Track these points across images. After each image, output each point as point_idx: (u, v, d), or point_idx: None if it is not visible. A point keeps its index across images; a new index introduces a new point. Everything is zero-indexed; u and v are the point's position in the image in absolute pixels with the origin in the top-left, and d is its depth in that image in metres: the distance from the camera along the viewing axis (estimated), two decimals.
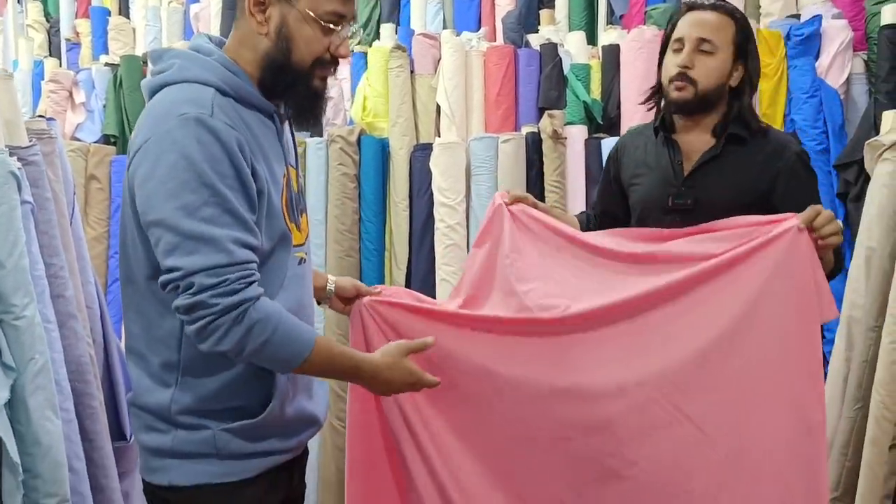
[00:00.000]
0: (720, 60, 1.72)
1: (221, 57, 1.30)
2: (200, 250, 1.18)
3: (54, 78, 3.50)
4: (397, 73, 3.12)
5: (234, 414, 1.33)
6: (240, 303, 1.19)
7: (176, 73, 1.27)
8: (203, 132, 1.19)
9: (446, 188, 2.95)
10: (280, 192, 1.32)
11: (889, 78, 2.59)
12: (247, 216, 1.22)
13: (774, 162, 1.71)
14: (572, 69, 3.03)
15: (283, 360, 1.26)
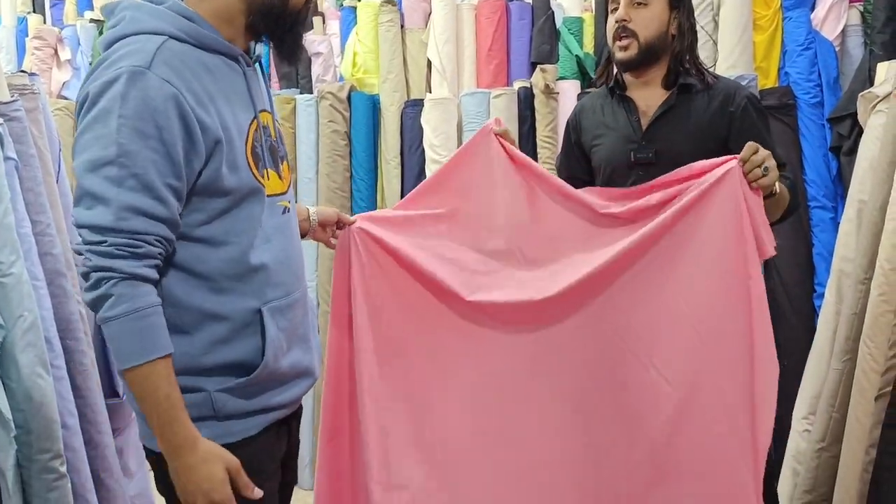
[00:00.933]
0: (655, 10, 1.79)
1: (175, 3, 1.26)
2: (93, 207, 1.15)
3: (39, 35, 3.43)
4: (387, 27, 3.07)
5: (228, 371, 1.29)
6: (105, 268, 1.15)
7: (127, 26, 1.22)
8: (132, 87, 1.14)
9: (438, 144, 2.93)
10: (245, 140, 1.27)
11: (885, 28, 2.55)
12: (157, 183, 1.16)
13: (727, 106, 1.77)
14: (565, 23, 2.98)
15: (117, 349, 1.19)
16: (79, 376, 1.84)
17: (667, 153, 1.77)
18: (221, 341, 1.27)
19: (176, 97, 1.16)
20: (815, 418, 2.16)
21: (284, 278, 1.34)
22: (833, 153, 2.63)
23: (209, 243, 1.25)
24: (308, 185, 3.10)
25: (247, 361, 1.30)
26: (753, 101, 1.81)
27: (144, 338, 1.17)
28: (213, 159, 1.22)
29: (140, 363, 1.16)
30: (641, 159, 1.80)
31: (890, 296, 1.87)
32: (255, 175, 1.28)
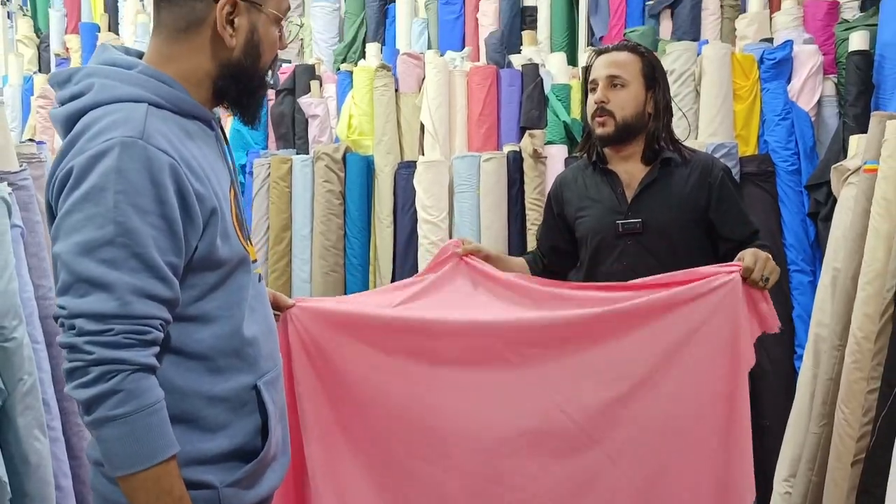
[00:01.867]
0: (632, 92, 1.90)
1: (146, 68, 1.16)
2: (91, 293, 1.04)
3: (44, 94, 3.54)
4: (382, 91, 3.18)
5: (231, 458, 1.21)
6: (116, 360, 1.04)
7: (99, 94, 1.12)
8: (126, 158, 1.05)
9: (430, 205, 3.01)
10: (230, 208, 1.21)
11: (856, 102, 2.67)
12: (160, 262, 1.07)
13: (705, 178, 1.90)
14: (553, 89, 3.10)
15: (120, 451, 1.06)
16: (74, 437, 1.88)
17: (653, 222, 1.88)
18: (222, 426, 1.19)
19: (174, 167, 1.08)
20: (795, 481, 2.21)
21: (272, 348, 1.30)
22: (811, 219, 2.73)
23: (202, 321, 1.17)
24: (303, 242, 3.17)
25: (248, 444, 1.22)
26: (728, 173, 1.94)
27: (156, 436, 1.06)
28: (208, 231, 1.14)
29: (152, 465, 1.06)
30: (629, 229, 1.89)
31: (863, 363, 1.93)
32: (243, 243, 1.23)
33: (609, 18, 3.30)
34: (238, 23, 1.19)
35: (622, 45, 2.00)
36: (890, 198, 1.91)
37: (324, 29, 3.67)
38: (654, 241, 1.87)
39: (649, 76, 1.93)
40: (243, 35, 1.20)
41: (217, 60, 1.20)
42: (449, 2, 3.54)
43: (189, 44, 1.19)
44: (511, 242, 2.97)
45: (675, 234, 1.87)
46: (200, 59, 1.19)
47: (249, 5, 1.19)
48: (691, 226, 1.89)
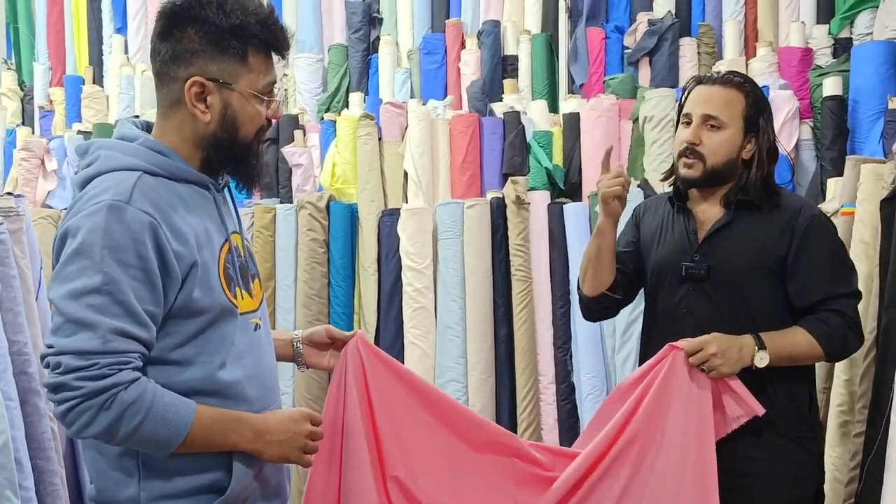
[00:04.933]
0: (728, 136, 1.72)
1: (146, 140, 1.32)
2: (77, 333, 1.17)
3: (26, 146, 3.54)
4: (365, 140, 3.20)
5: (202, 493, 1.29)
6: (108, 387, 1.17)
7: (103, 164, 1.29)
8: (113, 219, 1.20)
9: (413, 252, 3.01)
10: (217, 263, 1.31)
11: (832, 146, 2.72)
12: (139, 309, 1.20)
13: (789, 223, 1.70)
14: (535, 136, 3.13)
15: (161, 438, 1.22)
16: (48, 497, 1.83)
17: (721, 270, 1.71)
18: (196, 461, 1.28)
19: (153, 227, 1.22)
20: None
21: (258, 392, 1.36)
22: None
23: (183, 364, 1.28)
24: (287, 291, 3.15)
25: (218, 481, 1.30)
26: (819, 220, 1.72)
27: (175, 409, 1.22)
28: (187, 284, 1.26)
29: (189, 427, 1.22)
30: (693, 274, 1.74)
31: (848, 407, 1.92)
32: (228, 295, 1.31)
33: (589, 66, 3.36)
34: (210, 101, 1.30)
35: (728, 77, 1.77)
36: (867, 240, 1.92)
37: (307, 79, 3.71)
38: (720, 290, 1.71)
39: (752, 119, 1.73)
40: (217, 111, 1.30)
41: (197, 135, 1.32)
42: (431, 51, 3.59)
43: (175, 120, 1.33)
44: (496, 288, 2.97)
45: (745, 284, 1.70)
46: (185, 133, 1.33)
47: (219, 84, 1.29)
48: (765, 276, 1.69)
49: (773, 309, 1.69)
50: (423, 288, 3.00)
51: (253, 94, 1.31)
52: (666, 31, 3.27)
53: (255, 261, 1.48)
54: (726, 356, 1.60)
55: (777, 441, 1.66)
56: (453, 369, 2.93)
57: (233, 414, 1.29)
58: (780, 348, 1.63)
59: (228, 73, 1.29)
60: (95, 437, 1.20)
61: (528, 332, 2.91)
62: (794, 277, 1.68)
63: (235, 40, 1.28)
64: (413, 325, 2.99)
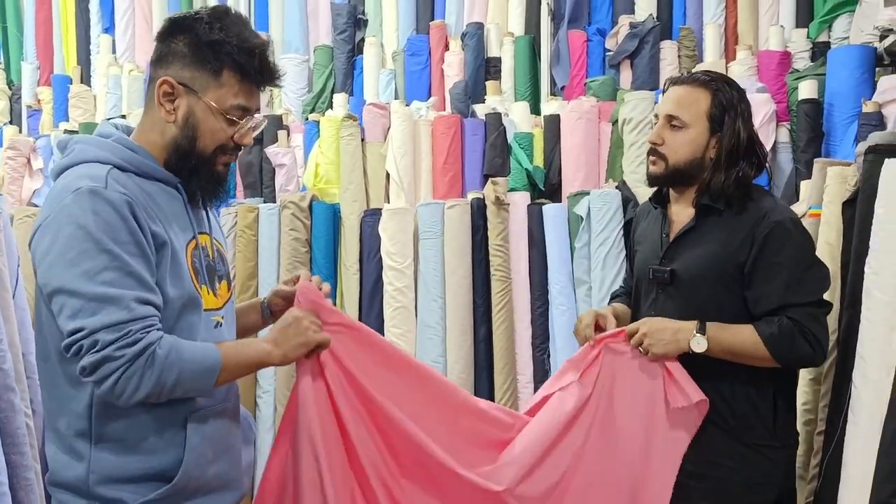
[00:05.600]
0: (691, 135, 1.70)
1: (120, 137, 1.39)
2: (103, 309, 1.23)
3: (13, 145, 3.56)
4: (348, 140, 3.23)
5: (150, 480, 1.33)
6: (145, 348, 1.25)
7: (77, 156, 1.36)
8: (98, 202, 1.27)
9: (394, 252, 3.04)
10: (185, 255, 1.38)
11: (807, 148, 2.75)
12: (147, 277, 1.29)
13: (751, 230, 1.66)
14: (516, 138, 3.16)
15: (202, 380, 1.32)
16: (21, 491, 1.85)
17: (683, 275, 1.70)
18: (146, 447, 1.33)
19: (133, 207, 1.30)
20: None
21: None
22: None
23: None
24: (269, 289, 3.17)
25: (167, 470, 1.34)
26: (781, 227, 1.65)
27: (203, 350, 1.32)
28: (160, 266, 1.33)
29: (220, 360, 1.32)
30: (658, 277, 1.74)
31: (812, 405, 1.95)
32: (196, 286, 1.39)
33: (570, 69, 3.39)
34: (177, 104, 1.38)
35: (696, 76, 1.76)
36: (832, 242, 1.95)
37: (293, 80, 3.74)
38: (683, 294, 1.71)
39: (717, 118, 1.70)
40: (181, 115, 1.38)
41: (163, 136, 1.40)
42: (415, 53, 3.62)
43: (150, 119, 1.41)
44: (475, 288, 2.99)
45: (705, 289, 1.68)
46: (155, 132, 1.40)
47: (187, 90, 1.37)
48: (726, 282, 1.67)
49: (736, 315, 1.67)
50: (404, 287, 3.02)
51: (219, 110, 1.36)
52: (647, 34, 3.31)
53: (227, 264, 1.53)
54: (656, 337, 1.66)
55: (735, 447, 1.66)
56: (433, 367, 2.94)
57: (244, 340, 1.47)
58: (721, 339, 1.63)
59: (199, 82, 1.37)
60: (148, 397, 1.27)
61: (507, 332, 2.94)
62: (750, 285, 1.66)
63: (212, 54, 1.36)
64: (394, 323, 3.02)
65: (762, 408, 1.68)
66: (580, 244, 2.85)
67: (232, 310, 1.52)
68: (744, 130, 1.72)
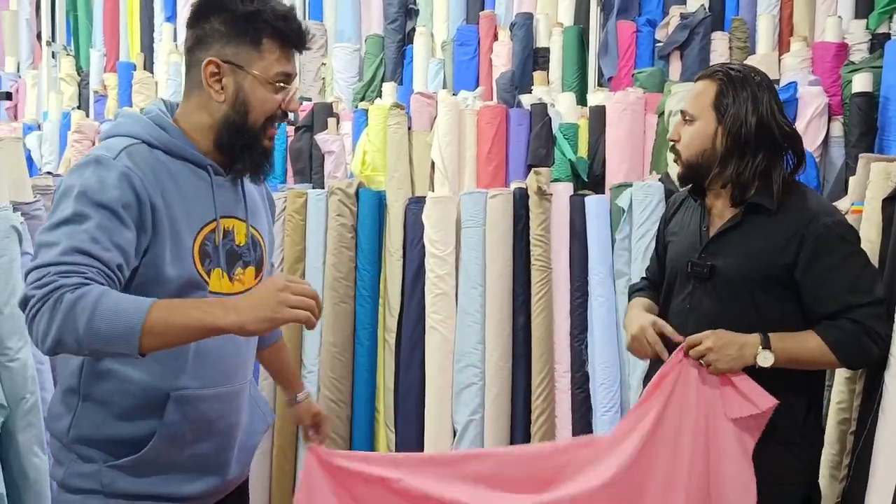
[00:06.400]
0: (698, 127, 1.70)
1: (157, 116, 1.43)
2: (39, 253, 1.26)
3: (79, 129, 3.74)
4: (395, 129, 3.28)
5: (121, 446, 1.37)
6: (53, 290, 1.19)
7: (114, 128, 1.43)
8: (96, 167, 1.31)
9: (437, 240, 3.09)
10: (194, 237, 1.39)
11: (859, 143, 2.68)
12: (104, 237, 1.26)
13: (798, 231, 1.63)
14: (560, 128, 3.17)
15: (122, 338, 1.19)
16: None
17: (723, 272, 1.68)
18: (123, 415, 1.37)
19: (130, 177, 1.32)
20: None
21: (206, 372, 1.42)
22: None
23: None
24: (315, 273, 3.26)
25: (141, 440, 1.37)
26: (832, 230, 1.62)
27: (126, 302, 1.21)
28: (158, 243, 1.34)
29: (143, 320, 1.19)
30: (696, 271, 1.72)
31: (847, 404, 1.92)
32: (199, 269, 1.39)
33: (618, 59, 3.37)
34: (224, 82, 1.40)
35: (708, 70, 1.77)
36: (873, 239, 1.92)
37: (344, 68, 3.81)
38: (721, 292, 1.69)
39: (722, 107, 1.67)
40: (230, 93, 1.40)
41: (213, 116, 1.42)
42: (464, 43, 3.65)
43: (195, 101, 1.44)
44: (515, 277, 3.02)
45: (747, 288, 1.66)
46: (202, 114, 1.43)
47: (233, 67, 1.39)
48: (770, 283, 1.65)
49: (780, 314, 1.65)
50: (445, 274, 3.07)
51: (265, 80, 1.40)
52: (698, 25, 3.26)
53: (263, 251, 1.53)
54: (722, 352, 1.59)
55: (766, 444, 1.64)
56: (471, 354, 3.00)
57: (196, 299, 1.34)
58: (787, 350, 1.60)
59: (242, 57, 1.39)
60: (61, 343, 1.20)
61: (546, 321, 2.96)
62: (806, 290, 1.63)
63: (250, 26, 1.38)
64: (434, 310, 3.07)
65: (796, 409, 1.67)
66: (621, 236, 2.85)
67: None
68: (753, 116, 1.67)
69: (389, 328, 3.18)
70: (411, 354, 3.09)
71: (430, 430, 3.02)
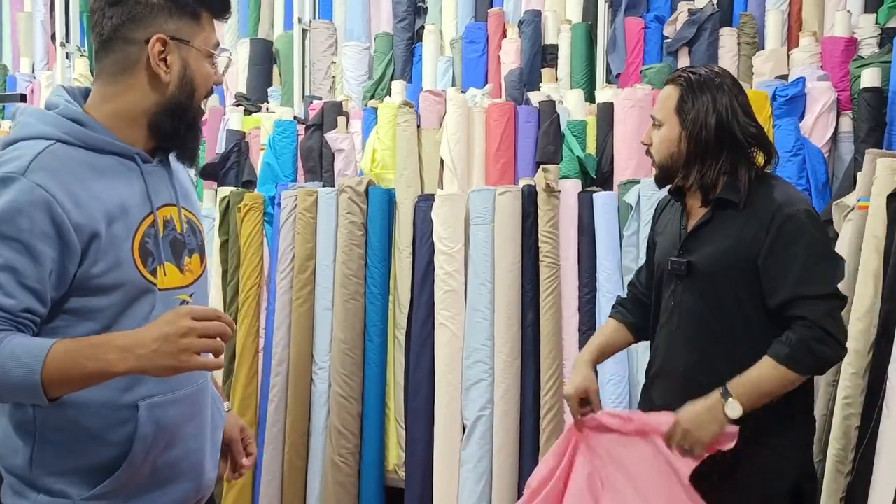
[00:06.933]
0: (664, 132, 1.78)
1: (66, 108, 1.28)
2: None
3: None
4: (404, 127, 3.31)
5: (95, 471, 1.27)
6: None
7: (19, 130, 1.27)
8: (3, 189, 1.18)
9: (446, 237, 3.11)
10: (132, 237, 1.28)
11: (868, 139, 2.68)
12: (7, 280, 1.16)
13: (764, 224, 1.68)
14: (569, 125, 3.18)
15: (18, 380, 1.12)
16: None
17: (699, 267, 1.74)
18: (90, 435, 1.26)
19: (46, 201, 1.18)
20: None
21: None
22: None
23: None
24: (326, 271, 3.29)
25: (113, 462, 1.27)
26: (793, 220, 1.66)
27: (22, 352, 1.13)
28: (88, 255, 1.22)
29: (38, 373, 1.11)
30: (676, 269, 1.78)
31: (853, 400, 1.93)
32: (142, 271, 1.28)
33: (626, 56, 3.37)
34: (170, 60, 1.29)
35: (671, 75, 1.84)
36: (879, 235, 1.92)
37: (354, 67, 3.84)
38: (700, 287, 1.74)
39: (683, 111, 1.74)
40: (176, 71, 1.30)
41: (153, 98, 1.30)
42: (473, 40, 3.66)
43: (124, 84, 1.30)
44: (524, 274, 3.04)
45: (723, 283, 1.71)
46: (136, 97, 1.30)
47: (178, 42, 1.29)
48: (742, 275, 1.69)
49: (759, 307, 1.68)
50: (454, 271, 3.09)
51: (207, 53, 1.32)
52: (706, 21, 3.26)
53: (200, 235, 1.43)
54: (695, 430, 1.62)
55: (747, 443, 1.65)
56: (480, 351, 3.02)
57: (94, 339, 1.17)
58: (748, 391, 1.61)
59: (185, 31, 1.30)
60: None
61: (554, 318, 2.97)
62: (764, 277, 1.67)
63: None
64: (443, 306, 3.10)
65: (777, 409, 1.67)
66: (629, 232, 2.86)
67: (204, 285, 1.44)
68: (712, 117, 1.71)
69: (399, 325, 3.20)
70: (421, 351, 3.12)
71: (440, 425, 3.05)
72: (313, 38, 3.93)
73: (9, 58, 4.82)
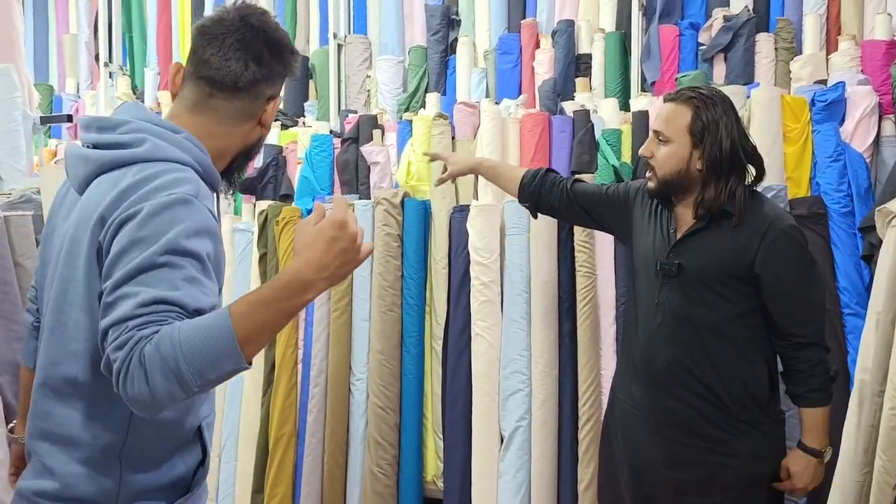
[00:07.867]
0: (674, 149, 1.88)
1: (189, 136, 1.33)
2: (115, 306, 1.15)
3: None
4: (439, 139, 3.33)
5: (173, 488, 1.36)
6: (132, 348, 1.10)
7: (154, 151, 1.27)
8: (185, 212, 1.22)
9: (481, 247, 3.12)
10: None
11: None
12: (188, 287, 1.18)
13: (755, 237, 1.86)
14: (603, 134, 3.17)
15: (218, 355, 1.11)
16: None
17: (690, 269, 1.90)
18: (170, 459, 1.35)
19: (214, 229, 1.28)
20: None
21: (210, 397, 1.46)
22: (865, 262, 2.67)
23: None
24: (363, 282, 3.32)
25: (184, 478, 1.38)
26: (787, 234, 1.87)
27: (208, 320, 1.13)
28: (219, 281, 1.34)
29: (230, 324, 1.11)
30: (666, 270, 1.93)
31: None
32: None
33: (661, 64, 3.36)
34: (268, 108, 1.45)
35: (681, 93, 1.93)
36: None
37: (388, 80, 3.88)
38: (688, 288, 1.91)
39: (698, 132, 1.85)
40: (267, 119, 1.46)
41: (247, 142, 1.46)
42: (506, 51, 3.69)
43: (236, 128, 1.41)
44: (560, 283, 3.03)
45: (710, 286, 1.89)
46: (238, 141, 1.44)
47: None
48: (731, 281, 1.88)
49: (743, 309, 1.88)
50: (490, 282, 3.10)
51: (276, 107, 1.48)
52: (742, 27, 3.24)
53: None
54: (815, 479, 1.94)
55: (735, 424, 1.92)
56: (517, 361, 3.02)
57: (265, 290, 1.15)
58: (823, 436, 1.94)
59: (278, 88, 1.47)
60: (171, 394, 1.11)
61: (592, 327, 2.96)
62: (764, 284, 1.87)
63: (290, 67, 1.45)
64: (480, 317, 3.10)
65: (755, 389, 1.92)
66: None
67: None
68: (727, 141, 1.86)
69: (436, 336, 3.22)
70: (458, 361, 3.13)
71: (478, 436, 3.05)
72: (348, 53, 3.99)
73: (55, 78, 4.97)
